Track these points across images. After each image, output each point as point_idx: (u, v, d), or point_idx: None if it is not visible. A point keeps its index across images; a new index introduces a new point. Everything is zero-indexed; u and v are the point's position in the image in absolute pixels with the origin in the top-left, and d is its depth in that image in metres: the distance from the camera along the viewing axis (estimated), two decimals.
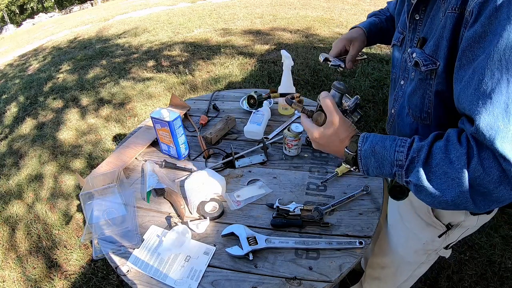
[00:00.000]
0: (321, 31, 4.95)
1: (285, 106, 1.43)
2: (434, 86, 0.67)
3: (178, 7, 8.25)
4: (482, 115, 0.50)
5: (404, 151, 0.59)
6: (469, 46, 0.53)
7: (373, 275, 1.24)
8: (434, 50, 0.64)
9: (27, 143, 3.07)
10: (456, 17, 0.57)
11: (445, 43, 0.61)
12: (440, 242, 0.93)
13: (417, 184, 0.57)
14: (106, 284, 1.75)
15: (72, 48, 5.90)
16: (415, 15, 0.72)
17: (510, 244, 1.77)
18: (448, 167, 0.53)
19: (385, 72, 3.39)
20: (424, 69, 0.66)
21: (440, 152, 0.55)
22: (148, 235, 0.96)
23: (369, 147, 0.64)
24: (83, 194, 1.06)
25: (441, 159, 0.55)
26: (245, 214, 1.01)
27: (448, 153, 0.54)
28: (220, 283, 0.83)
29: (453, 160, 0.53)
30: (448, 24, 0.59)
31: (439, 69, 0.64)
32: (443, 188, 0.54)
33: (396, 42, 0.86)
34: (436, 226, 0.88)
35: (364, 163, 0.66)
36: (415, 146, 0.58)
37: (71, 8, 18.56)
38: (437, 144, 0.57)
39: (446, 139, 0.56)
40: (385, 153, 0.61)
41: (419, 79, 0.69)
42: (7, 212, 2.29)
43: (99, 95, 3.73)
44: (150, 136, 1.34)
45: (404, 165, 0.59)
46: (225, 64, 4.02)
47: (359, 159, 0.66)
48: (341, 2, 6.95)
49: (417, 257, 1.01)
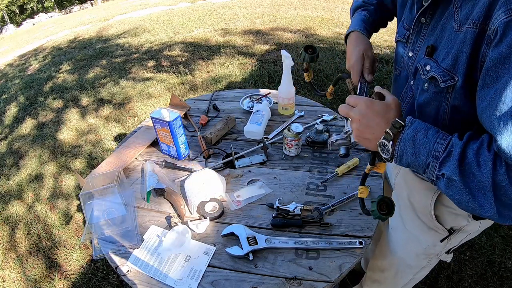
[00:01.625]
0: (321, 31, 4.95)
1: (285, 106, 1.43)
2: (451, 101, 0.66)
3: (178, 7, 8.25)
4: (504, 136, 0.51)
5: (444, 144, 0.59)
6: (493, 66, 0.53)
7: (373, 278, 1.24)
8: (452, 65, 0.63)
9: (27, 143, 3.07)
10: (477, 33, 0.56)
11: (464, 59, 0.60)
12: (442, 247, 0.92)
13: (450, 177, 0.57)
14: (106, 284, 1.75)
15: (72, 48, 5.90)
16: (421, 18, 0.71)
17: (510, 244, 1.77)
18: (476, 169, 0.54)
19: (385, 72, 3.39)
20: (443, 86, 0.65)
21: (471, 152, 0.56)
22: (148, 235, 0.96)
23: (412, 131, 0.62)
24: (83, 194, 1.06)
25: (471, 159, 0.55)
26: (245, 214, 1.01)
27: (478, 156, 0.55)
28: (220, 283, 0.83)
29: (481, 163, 0.54)
30: (468, 40, 0.58)
31: (458, 84, 0.63)
32: (471, 187, 0.55)
33: (401, 39, 0.83)
34: (438, 230, 0.87)
35: (401, 147, 0.63)
36: (454, 141, 0.58)
37: (71, 8, 18.56)
38: (471, 145, 0.57)
39: (480, 142, 0.57)
40: (426, 141, 0.60)
41: (434, 92, 0.68)
42: (7, 212, 2.29)
43: (99, 95, 3.73)
44: (150, 136, 1.34)
45: (440, 157, 0.58)
46: (225, 64, 4.02)
47: (399, 141, 0.63)
48: (341, 2, 6.96)
49: (418, 261, 1.01)
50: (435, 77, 0.66)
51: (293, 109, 1.46)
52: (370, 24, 1.00)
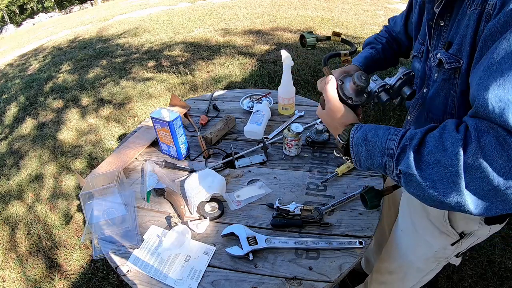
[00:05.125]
0: (321, 31, 4.95)
1: (285, 106, 1.43)
2: (459, 86, 0.66)
3: (178, 7, 8.25)
4: (491, 88, 0.46)
5: (397, 139, 0.55)
6: (490, 35, 0.52)
7: (380, 280, 1.22)
8: (458, 49, 0.64)
9: (27, 143, 3.07)
10: (478, 13, 0.57)
11: (468, 40, 0.60)
12: (452, 250, 0.92)
13: (406, 172, 0.52)
14: (106, 284, 1.75)
15: (72, 48, 5.90)
16: (439, 22, 0.71)
17: (510, 244, 1.77)
18: (441, 154, 0.48)
19: (385, 72, 3.38)
20: (447, 67, 0.65)
21: (433, 139, 0.51)
22: (148, 235, 0.96)
23: (362, 134, 0.62)
24: (83, 194, 1.06)
25: (433, 147, 0.50)
26: (245, 214, 1.01)
27: (442, 140, 0.50)
28: (220, 283, 0.83)
29: (447, 147, 0.48)
30: (471, 22, 0.58)
31: (463, 67, 0.62)
32: (434, 179, 0.49)
33: (417, 54, 0.84)
34: (449, 234, 0.87)
35: (355, 152, 0.63)
36: (408, 134, 0.55)
37: (71, 8, 18.55)
38: (431, 133, 0.53)
39: (442, 128, 0.52)
40: (377, 141, 0.58)
41: (443, 79, 0.69)
42: (7, 212, 2.29)
43: (99, 95, 3.73)
44: (150, 136, 1.34)
45: (394, 154, 0.55)
46: (225, 64, 4.02)
47: (351, 147, 0.64)
48: (341, 2, 6.96)
49: (428, 264, 1.00)
50: (441, 60, 0.66)
51: (293, 109, 1.46)
52: (373, 62, 1.02)
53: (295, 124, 1.19)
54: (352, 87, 0.71)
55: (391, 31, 1.08)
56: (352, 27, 5.11)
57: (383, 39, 1.07)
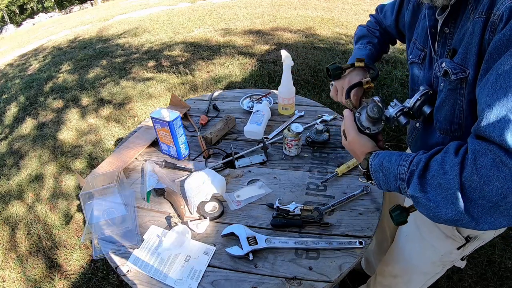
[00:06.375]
0: (321, 31, 4.95)
1: (285, 106, 1.43)
2: (466, 96, 0.65)
3: (178, 7, 8.25)
4: (494, 107, 0.48)
5: (406, 165, 0.59)
6: (496, 48, 0.52)
7: (384, 283, 1.21)
8: (463, 58, 0.63)
9: (27, 143, 3.07)
10: (483, 22, 0.56)
11: (473, 49, 0.59)
12: (458, 254, 0.92)
13: (413, 195, 0.57)
14: (106, 284, 1.75)
15: (72, 48, 5.90)
16: (444, 29, 0.70)
17: (510, 244, 1.77)
18: (442, 177, 0.52)
19: (385, 72, 3.39)
20: (453, 78, 0.64)
21: (436, 164, 0.55)
22: (148, 235, 0.96)
23: (378, 162, 0.66)
24: (83, 194, 1.06)
25: (436, 171, 0.54)
26: (245, 214, 1.01)
27: (443, 164, 0.53)
28: (220, 283, 0.83)
29: (447, 170, 0.52)
30: (476, 30, 0.58)
31: (469, 77, 0.62)
32: (437, 200, 0.53)
33: (416, 60, 0.83)
34: (455, 238, 0.87)
35: (375, 177, 0.68)
36: (415, 160, 0.58)
37: (71, 8, 18.55)
38: (435, 157, 0.56)
39: (445, 151, 0.55)
40: (391, 167, 0.62)
41: (449, 89, 0.68)
42: (7, 212, 2.29)
43: (99, 95, 3.73)
44: (150, 136, 1.34)
45: (405, 179, 0.59)
46: (225, 64, 4.02)
47: (371, 173, 0.69)
48: (341, 2, 6.95)
49: (433, 268, 1.00)
50: (447, 71, 0.66)
51: (293, 109, 1.46)
52: (372, 59, 1.05)
53: (295, 124, 1.19)
54: (368, 119, 0.76)
55: (380, 22, 1.07)
56: (352, 27, 5.10)
57: (376, 32, 1.07)
